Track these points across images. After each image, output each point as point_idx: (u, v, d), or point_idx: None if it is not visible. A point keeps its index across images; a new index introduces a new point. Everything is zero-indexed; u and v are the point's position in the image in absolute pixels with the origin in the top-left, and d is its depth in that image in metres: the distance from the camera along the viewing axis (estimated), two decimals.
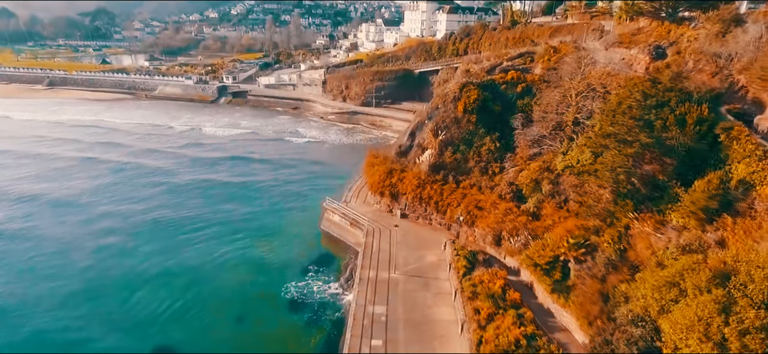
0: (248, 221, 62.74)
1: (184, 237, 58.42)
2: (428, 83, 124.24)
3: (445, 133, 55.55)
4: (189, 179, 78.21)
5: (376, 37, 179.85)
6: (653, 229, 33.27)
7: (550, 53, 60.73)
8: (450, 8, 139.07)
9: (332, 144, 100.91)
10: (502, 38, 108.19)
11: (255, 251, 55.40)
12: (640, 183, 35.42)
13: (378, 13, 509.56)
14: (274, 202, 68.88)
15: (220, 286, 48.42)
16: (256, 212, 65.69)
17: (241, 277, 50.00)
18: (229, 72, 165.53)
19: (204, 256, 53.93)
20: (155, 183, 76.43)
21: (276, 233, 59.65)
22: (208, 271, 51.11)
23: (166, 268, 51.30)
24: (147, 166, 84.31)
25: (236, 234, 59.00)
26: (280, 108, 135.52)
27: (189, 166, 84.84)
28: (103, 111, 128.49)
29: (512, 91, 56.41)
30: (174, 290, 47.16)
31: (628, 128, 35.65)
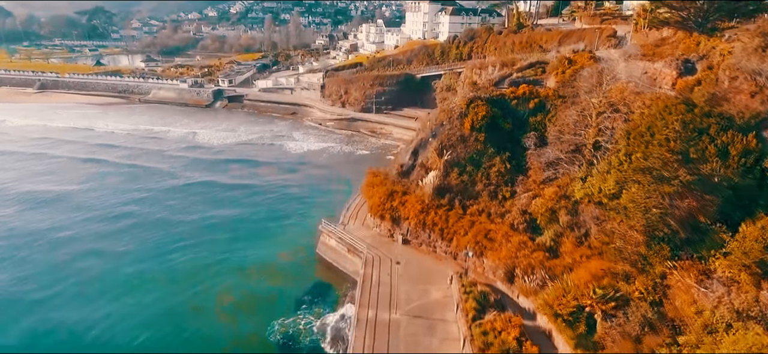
0: (236, 245, 58.16)
1: (167, 262, 53.96)
2: (430, 88, 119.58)
3: (451, 152, 51.03)
4: (178, 200, 73.59)
5: (376, 39, 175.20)
6: (696, 280, 28.77)
7: (564, 65, 56.13)
8: (453, 10, 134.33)
9: (330, 154, 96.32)
10: (508, 43, 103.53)
11: (242, 280, 50.90)
12: (678, 224, 30.89)
13: (379, 11, 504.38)
14: (266, 223, 64.19)
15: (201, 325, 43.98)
16: (246, 235, 61.00)
17: (225, 313, 45.48)
18: (226, 75, 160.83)
19: (184, 290, 49.37)
20: (137, 201, 71.86)
21: (267, 259, 55.10)
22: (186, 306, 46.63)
23: (132, 312, 45.91)
24: (132, 187, 79.61)
25: (221, 262, 54.47)
26: (276, 113, 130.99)
27: (180, 185, 79.83)
28: (95, 117, 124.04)
29: (524, 107, 51.84)
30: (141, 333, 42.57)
31: (664, 162, 31.10)
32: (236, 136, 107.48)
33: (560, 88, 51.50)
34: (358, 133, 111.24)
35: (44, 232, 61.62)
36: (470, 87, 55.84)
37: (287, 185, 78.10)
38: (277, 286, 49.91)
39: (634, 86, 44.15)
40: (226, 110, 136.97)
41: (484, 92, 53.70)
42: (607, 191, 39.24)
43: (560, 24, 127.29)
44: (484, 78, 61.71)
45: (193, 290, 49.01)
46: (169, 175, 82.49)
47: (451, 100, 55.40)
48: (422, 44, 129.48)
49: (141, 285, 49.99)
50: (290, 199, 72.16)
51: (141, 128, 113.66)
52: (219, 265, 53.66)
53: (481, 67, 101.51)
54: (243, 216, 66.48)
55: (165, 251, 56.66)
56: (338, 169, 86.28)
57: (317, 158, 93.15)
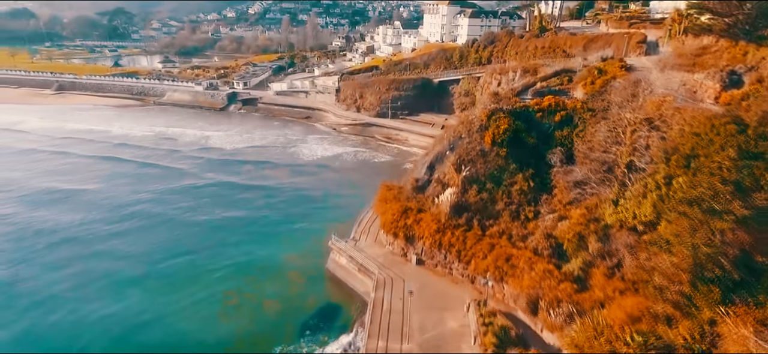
0: (243, 258, 55.65)
1: (167, 277, 51.73)
2: (448, 93, 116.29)
3: (470, 168, 47.68)
4: (189, 204, 71.73)
5: (393, 41, 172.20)
6: (753, 330, 24.98)
7: (594, 74, 52.27)
8: (472, 12, 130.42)
9: (344, 161, 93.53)
10: (529, 47, 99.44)
11: (245, 299, 48.33)
12: (731, 264, 27.11)
13: (396, 12, 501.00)
14: (276, 234, 61.61)
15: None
16: (253, 244, 58.58)
17: (222, 329, 43.04)
18: (241, 77, 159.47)
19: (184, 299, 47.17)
20: (151, 214, 69.90)
21: (274, 275, 52.47)
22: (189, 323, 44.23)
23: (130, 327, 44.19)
24: (145, 193, 77.79)
25: (226, 275, 52.08)
26: (291, 117, 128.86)
27: (192, 190, 78.05)
28: (111, 119, 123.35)
29: (549, 121, 48.23)
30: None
31: (716, 192, 27.37)
32: (247, 142, 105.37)
33: (589, 100, 47.73)
34: (373, 140, 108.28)
35: (47, 231, 60.79)
36: (491, 97, 52.34)
37: (298, 194, 75.43)
38: (282, 306, 47.27)
39: (672, 99, 40.21)
40: (240, 114, 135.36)
41: (506, 103, 50.16)
42: (642, 217, 35.60)
43: (584, 27, 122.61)
44: (505, 85, 58.11)
45: (192, 302, 46.82)
46: (182, 184, 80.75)
47: (470, 111, 51.94)
48: (440, 47, 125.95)
49: (137, 291, 48.34)
50: (300, 209, 69.47)
51: (156, 130, 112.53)
52: (221, 277, 51.46)
53: (502, 72, 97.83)
54: (251, 223, 64.25)
55: (166, 258, 54.94)
56: (351, 177, 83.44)
57: (330, 165, 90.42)
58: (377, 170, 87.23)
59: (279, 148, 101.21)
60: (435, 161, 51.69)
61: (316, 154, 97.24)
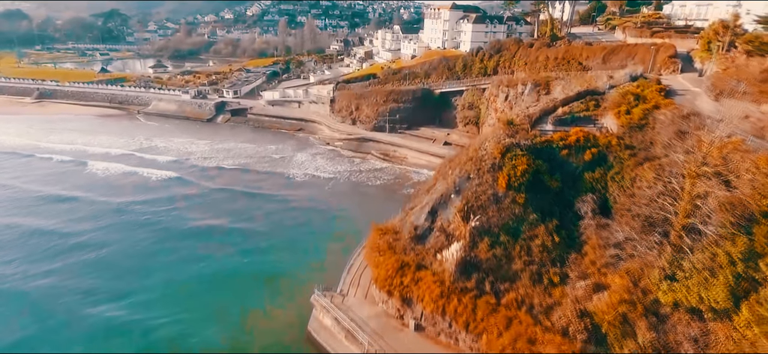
0: (203, 321, 46.79)
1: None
2: (450, 105, 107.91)
3: (480, 216, 39.06)
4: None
5: (392, 46, 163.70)
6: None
7: (629, 101, 43.61)
8: (476, 17, 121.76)
9: (337, 183, 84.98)
10: (540, 58, 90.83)
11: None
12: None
13: (396, 14, 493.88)
14: (249, 285, 52.83)
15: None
16: (219, 301, 49.72)
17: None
18: (231, 84, 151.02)
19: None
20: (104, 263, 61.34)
21: (242, 341, 43.82)
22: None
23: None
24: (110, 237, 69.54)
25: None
26: (282, 129, 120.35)
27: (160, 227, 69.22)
28: (87, 132, 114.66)
29: (577, 160, 39.65)
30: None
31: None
32: (232, 158, 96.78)
33: (627, 134, 39.19)
34: (369, 157, 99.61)
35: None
36: (504, 128, 43.61)
37: (281, 228, 66.69)
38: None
39: (739, 142, 31.64)
40: (228, 125, 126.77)
41: (523, 136, 41.51)
42: (713, 303, 26.96)
43: (597, 34, 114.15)
44: (515, 104, 49.59)
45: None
46: (156, 220, 72.01)
47: (482, 145, 43.27)
48: (442, 55, 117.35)
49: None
50: (282, 249, 60.66)
51: (132, 147, 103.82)
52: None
53: (510, 84, 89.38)
54: (221, 273, 55.33)
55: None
56: (343, 205, 74.73)
57: (321, 188, 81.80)
58: (373, 196, 78.68)
59: (265, 167, 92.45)
60: (437, 205, 43.02)
61: (307, 174, 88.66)
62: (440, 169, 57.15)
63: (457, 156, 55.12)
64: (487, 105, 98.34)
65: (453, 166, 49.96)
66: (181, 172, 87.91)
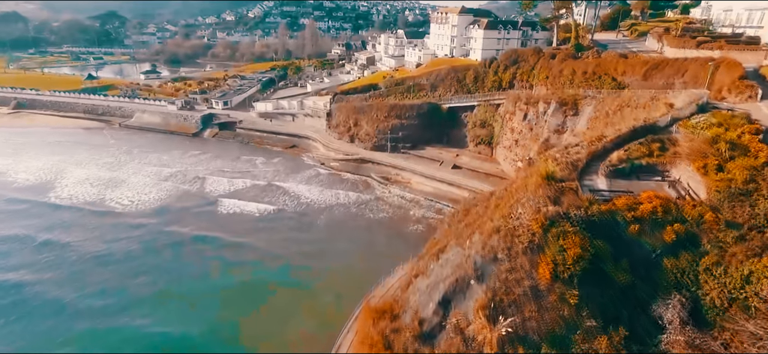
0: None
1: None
2: (460, 122, 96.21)
3: (514, 318, 27.32)
4: None
5: (396, 52, 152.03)
6: None
7: (722, 151, 31.61)
8: (488, 22, 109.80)
9: (330, 218, 73.38)
10: (565, 71, 78.86)
11: None
12: None
13: (401, 16, 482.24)
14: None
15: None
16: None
17: None
18: (222, 94, 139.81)
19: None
20: None
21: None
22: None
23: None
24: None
25: None
26: (273, 146, 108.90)
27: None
28: (55, 150, 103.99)
29: (653, 240, 27.73)
30: None
31: None
32: (210, 184, 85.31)
33: (725, 203, 27.34)
34: (369, 181, 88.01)
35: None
36: (542, 185, 31.66)
37: (262, 287, 55.22)
38: None
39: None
40: (215, 140, 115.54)
41: (571, 201, 29.63)
42: None
43: (624, 42, 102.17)
44: (556, 153, 37.66)
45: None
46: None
47: (513, 206, 31.42)
48: (450, 65, 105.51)
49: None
50: (261, 317, 49.16)
51: (98, 172, 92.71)
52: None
53: (529, 102, 77.61)
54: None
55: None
56: (337, 246, 63.00)
57: (313, 222, 70.18)
58: (371, 235, 66.96)
59: (249, 197, 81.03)
60: (451, 294, 31.21)
61: (298, 203, 77.15)
62: (452, 222, 45.43)
63: (474, 207, 43.40)
64: (502, 123, 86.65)
65: (470, 225, 38.35)
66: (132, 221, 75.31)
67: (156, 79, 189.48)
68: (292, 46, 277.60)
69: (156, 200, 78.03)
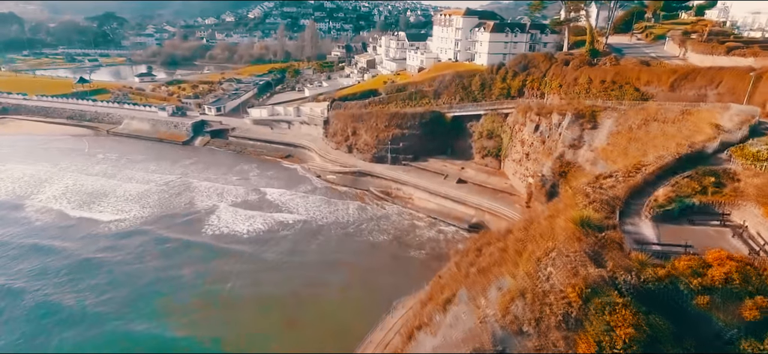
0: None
1: None
2: (465, 132, 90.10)
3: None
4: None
5: (397, 55, 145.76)
6: None
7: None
8: (495, 25, 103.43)
9: (326, 236, 67.37)
10: (580, 79, 72.55)
11: None
12: None
13: (403, 17, 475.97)
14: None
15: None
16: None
17: None
18: (215, 100, 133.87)
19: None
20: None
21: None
22: None
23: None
24: None
25: None
26: (267, 156, 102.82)
27: None
28: (47, 159, 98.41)
29: (727, 315, 21.44)
30: None
31: None
32: (198, 202, 79.27)
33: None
34: (367, 196, 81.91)
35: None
36: (578, 234, 25.44)
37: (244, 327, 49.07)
38: None
39: None
40: (206, 149, 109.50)
41: (618, 261, 23.36)
42: None
43: (639, 46, 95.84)
44: (587, 186, 31.42)
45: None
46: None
47: (540, 271, 25.12)
48: (454, 71, 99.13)
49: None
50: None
51: (86, 185, 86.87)
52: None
53: (541, 112, 71.37)
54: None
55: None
56: (329, 280, 56.69)
57: (308, 243, 63.94)
58: (369, 262, 60.69)
59: (241, 217, 74.90)
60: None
61: (291, 222, 70.97)
62: (461, 262, 39.15)
63: (488, 246, 37.23)
64: (511, 134, 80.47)
65: (484, 272, 32.22)
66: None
67: (150, 82, 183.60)
68: (291, 48, 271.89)
69: (136, 218, 71.98)
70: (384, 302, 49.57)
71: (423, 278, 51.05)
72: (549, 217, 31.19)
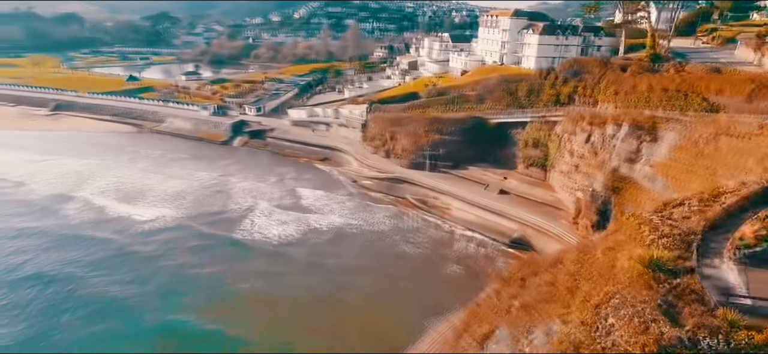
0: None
1: None
2: (509, 140, 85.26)
3: None
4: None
5: (440, 57, 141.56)
6: None
7: None
8: (544, 27, 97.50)
9: (359, 244, 64.73)
10: (639, 86, 66.26)
11: None
12: None
13: (448, 17, 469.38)
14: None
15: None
16: None
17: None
18: (256, 100, 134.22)
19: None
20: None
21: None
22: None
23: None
24: None
25: None
26: (303, 158, 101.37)
27: None
28: (92, 155, 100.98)
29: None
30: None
31: None
32: (232, 204, 78.25)
33: None
34: (402, 204, 78.61)
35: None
36: (647, 289, 21.08)
37: None
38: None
39: None
40: (245, 149, 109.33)
41: (700, 321, 18.93)
42: None
43: (705, 52, 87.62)
44: (653, 216, 26.83)
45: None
46: None
47: (599, 321, 20.97)
48: (499, 75, 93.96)
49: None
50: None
51: (121, 184, 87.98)
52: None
53: (593, 122, 65.87)
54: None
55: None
56: (359, 289, 53.75)
57: (331, 264, 61.15)
58: (402, 275, 57.31)
59: (273, 214, 73.30)
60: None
61: (324, 228, 68.70)
62: (502, 290, 35.11)
63: (533, 276, 33.15)
64: (559, 144, 75.04)
65: (528, 308, 28.32)
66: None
67: (196, 81, 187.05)
68: (334, 48, 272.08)
69: (171, 216, 71.88)
70: (414, 320, 46.33)
71: (457, 298, 47.48)
72: (607, 249, 26.82)
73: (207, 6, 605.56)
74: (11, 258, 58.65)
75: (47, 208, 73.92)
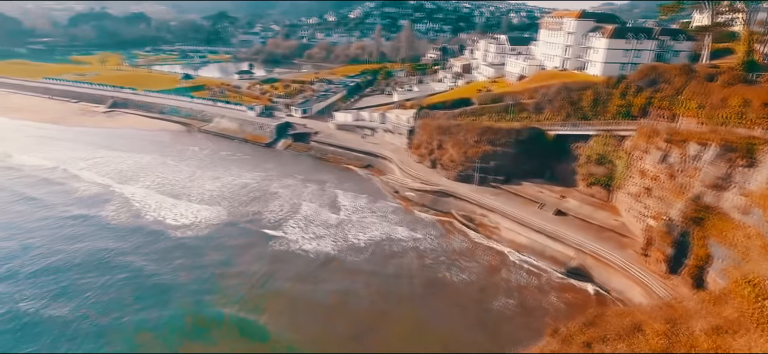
0: None
1: None
2: (568, 154, 76.98)
3: None
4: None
5: (495, 60, 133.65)
6: None
7: None
8: (614, 30, 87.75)
9: (398, 263, 59.42)
10: (729, 100, 56.53)
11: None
12: None
13: (505, 18, 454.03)
14: None
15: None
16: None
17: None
18: (303, 102, 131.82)
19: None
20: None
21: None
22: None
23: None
24: None
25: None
26: (346, 165, 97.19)
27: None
28: (146, 153, 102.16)
29: None
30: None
31: None
32: (267, 212, 75.10)
33: None
34: (447, 221, 72.40)
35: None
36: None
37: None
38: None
39: None
40: (288, 153, 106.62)
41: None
42: None
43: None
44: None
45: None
46: None
47: None
48: (561, 82, 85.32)
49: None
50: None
51: (165, 184, 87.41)
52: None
53: (672, 139, 56.96)
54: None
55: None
56: (395, 327, 48.27)
57: (364, 290, 56.01)
58: (445, 307, 51.20)
59: (310, 227, 69.31)
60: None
61: (361, 244, 63.85)
62: (568, 335, 28.54)
63: (604, 321, 26.35)
64: (628, 162, 66.23)
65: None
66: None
67: (248, 80, 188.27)
68: (387, 49, 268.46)
69: (209, 218, 70.11)
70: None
71: (507, 341, 41.17)
72: (713, 331, 19.84)
73: (267, 6, 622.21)
74: (69, 245, 61.78)
75: (99, 198, 76.35)
